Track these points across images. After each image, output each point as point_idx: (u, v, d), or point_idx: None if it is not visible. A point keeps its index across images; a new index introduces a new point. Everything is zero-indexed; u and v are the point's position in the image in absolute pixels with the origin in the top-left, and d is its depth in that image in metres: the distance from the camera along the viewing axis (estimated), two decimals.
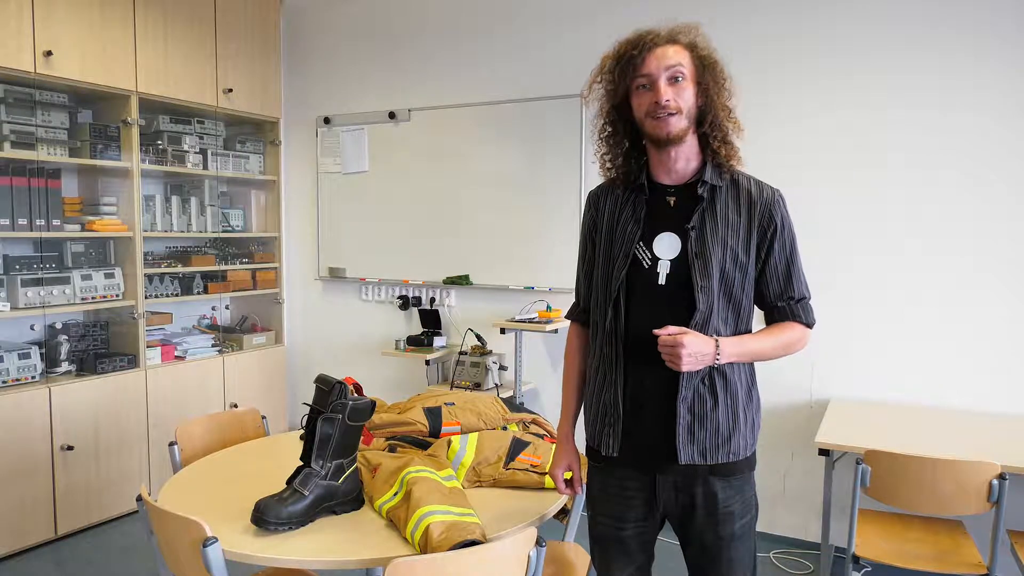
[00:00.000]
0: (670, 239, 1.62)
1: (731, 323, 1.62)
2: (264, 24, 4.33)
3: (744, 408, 1.64)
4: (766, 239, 1.63)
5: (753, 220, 1.62)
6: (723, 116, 1.61)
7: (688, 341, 1.51)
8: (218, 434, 2.46)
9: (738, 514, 1.64)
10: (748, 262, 1.62)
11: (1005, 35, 2.90)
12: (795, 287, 1.66)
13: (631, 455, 1.66)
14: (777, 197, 1.64)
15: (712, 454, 1.61)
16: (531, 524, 1.75)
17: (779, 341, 1.64)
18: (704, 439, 1.60)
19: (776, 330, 1.65)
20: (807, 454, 3.32)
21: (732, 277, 1.61)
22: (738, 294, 1.62)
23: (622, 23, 3.58)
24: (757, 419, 1.69)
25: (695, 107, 1.60)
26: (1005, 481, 2.17)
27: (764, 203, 1.62)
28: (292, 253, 4.66)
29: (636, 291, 1.64)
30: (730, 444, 1.62)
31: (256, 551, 1.60)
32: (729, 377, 1.62)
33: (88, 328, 3.73)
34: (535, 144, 3.81)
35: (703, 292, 1.58)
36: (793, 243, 1.65)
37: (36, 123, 3.34)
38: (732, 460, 1.62)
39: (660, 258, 1.63)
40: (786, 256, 1.64)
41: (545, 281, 3.84)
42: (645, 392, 1.63)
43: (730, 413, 1.61)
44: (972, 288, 3.01)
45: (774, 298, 1.66)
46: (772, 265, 1.64)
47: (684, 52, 1.60)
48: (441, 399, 2.27)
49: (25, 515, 3.26)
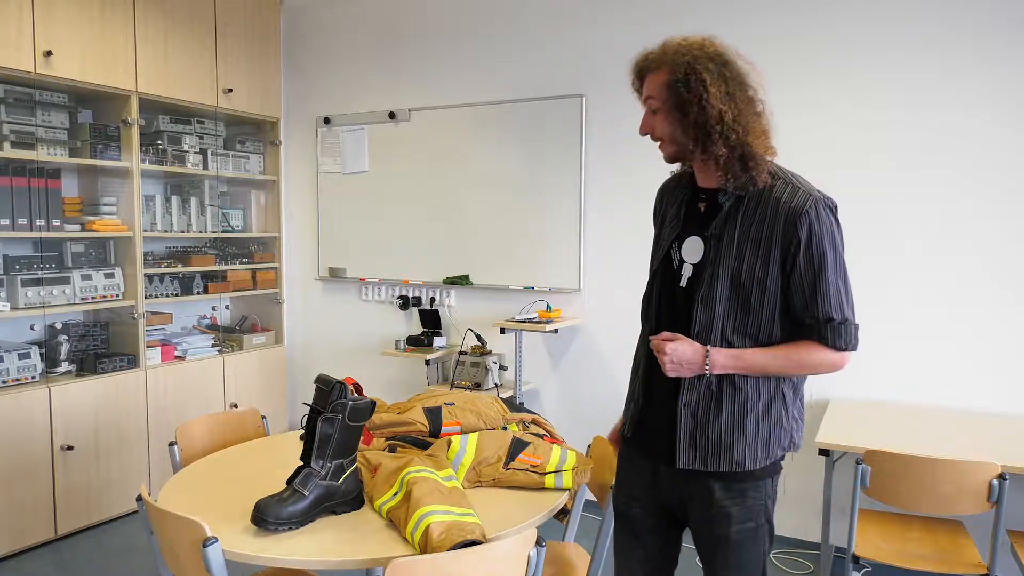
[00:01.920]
0: (694, 243, 1.63)
1: (749, 335, 1.58)
2: (264, 24, 4.33)
3: (758, 421, 1.60)
4: (790, 253, 1.54)
5: (776, 232, 1.54)
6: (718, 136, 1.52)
7: (671, 348, 1.53)
8: (218, 434, 2.46)
9: (736, 518, 1.60)
10: (767, 275, 1.55)
11: (1005, 35, 2.90)
12: (820, 306, 1.55)
13: (641, 441, 1.72)
14: (808, 208, 1.52)
15: (712, 461, 1.60)
16: (531, 524, 1.75)
17: (791, 359, 1.57)
18: (705, 446, 1.60)
19: (791, 347, 1.58)
20: (807, 454, 3.32)
21: (748, 288, 1.56)
22: (756, 306, 1.57)
23: (622, 23, 3.58)
24: (776, 433, 1.62)
25: (679, 132, 1.57)
26: (1005, 481, 2.17)
27: (790, 215, 1.53)
28: (292, 253, 4.66)
29: (665, 289, 1.68)
30: (732, 453, 1.59)
31: (256, 551, 1.60)
32: (741, 388, 1.59)
33: (88, 328, 3.73)
34: (535, 144, 3.81)
35: (703, 302, 1.58)
36: (823, 258, 1.53)
37: (36, 123, 3.34)
38: (735, 470, 1.60)
39: (685, 261, 1.64)
40: (813, 271, 1.54)
41: (545, 281, 3.84)
42: (656, 389, 1.68)
43: (735, 423, 1.59)
44: (972, 288, 3.01)
45: (800, 314, 1.58)
46: (796, 280, 1.55)
47: (659, 80, 1.57)
48: (441, 399, 2.26)
49: (25, 515, 3.26)
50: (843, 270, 1.57)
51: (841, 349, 1.56)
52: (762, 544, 1.63)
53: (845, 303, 1.56)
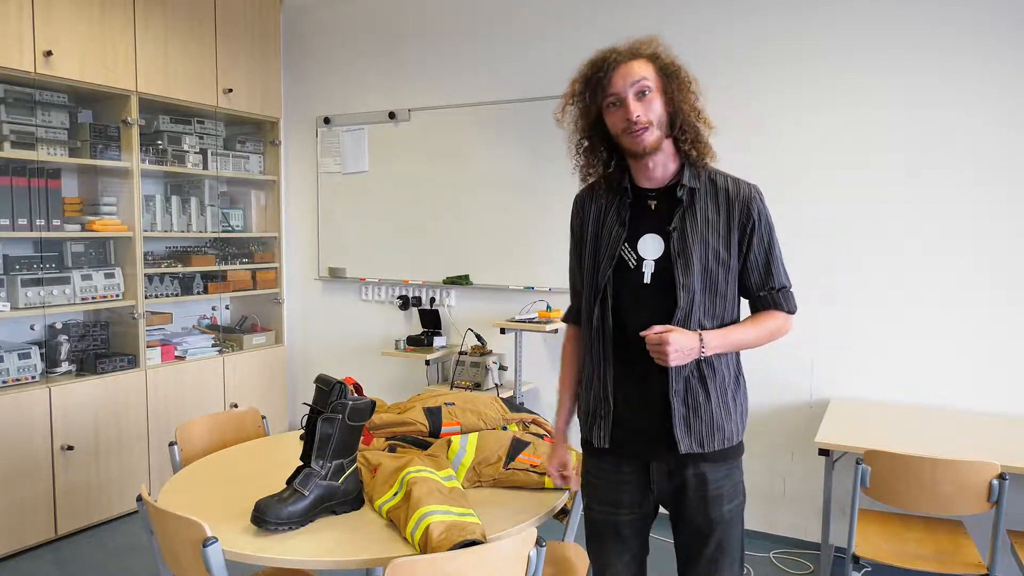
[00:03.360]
0: (653, 240, 1.71)
1: (717, 316, 1.71)
2: (264, 24, 4.33)
3: (733, 396, 1.74)
4: (746, 234, 1.70)
5: (732, 217, 1.69)
6: (692, 118, 1.68)
7: (673, 338, 1.59)
8: (218, 434, 2.46)
9: (727, 496, 1.71)
10: (729, 258, 1.70)
11: (1005, 35, 2.90)
12: (775, 277, 1.73)
13: (623, 445, 1.74)
14: (754, 193, 1.70)
15: (708, 442, 1.69)
16: (531, 524, 1.76)
17: (763, 329, 1.72)
18: (700, 429, 1.69)
19: (759, 319, 1.74)
20: (807, 454, 3.32)
21: (715, 273, 1.69)
22: (722, 288, 1.70)
23: (621, 23, 3.58)
24: (745, 405, 1.78)
25: (665, 115, 1.67)
26: (1005, 481, 2.17)
27: (742, 200, 1.69)
28: (292, 253, 4.66)
29: (623, 290, 1.72)
30: (724, 431, 1.71)
31: (256, 551, 1.60)
32: (717, 368, 1.71)
33: (88, 328, 3.73)
34: (535, 144, 3.81)
35: (684, 290, 1.66)
36: (771, 235, 1.72)
37: (36, 123, 3.34)
38: (727, 446, 1.72)
39: (645, 258, 1.71)
40: (765, 249, 1.72)
41: (545, 281, 3.84)
42: (635, 386, 1.71)
43: (722, 403, 1.71)
44: (972, 288, 3.01)
45: (756, 289, 1.74)
46: (752, 259, 1.71)
47: (647, 65, 1.67)
48: (441, 399, 2.27)
49: (25, 515, 3.26)
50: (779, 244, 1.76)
51: (792, 312, 1.75)
52: (743, 525, 1.77)
53: (787, 273, 1.77)
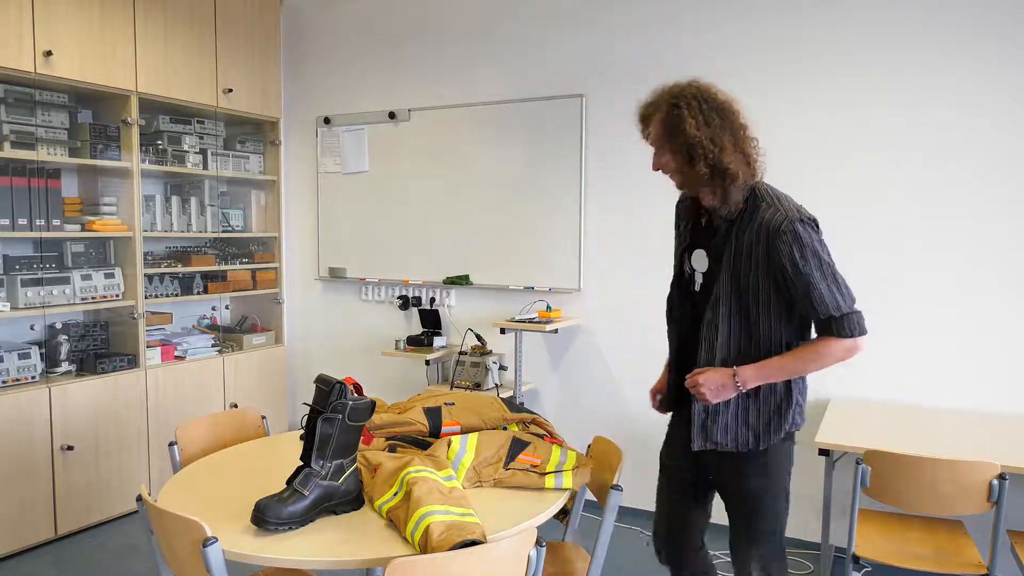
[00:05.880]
0: (700, 255, 1.91)
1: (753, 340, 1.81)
2: (264, 24, 4.33)
3: (758, 411, 1.83)
4: (775, 267, 1.76)
5: (762, 250, 1.77)
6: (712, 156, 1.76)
7: (704, 379, 1.77)
8: (218, 434, 2.46)
9: (754, 473, 1.86)
10: (760, 287, 1.78)
11: (1005, 35, 2.90)
12: (818, 308, 1.75)
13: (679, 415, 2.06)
14: (785, 227, 1.73)
15: (721, 445, 1.87)
16: (531, 524, 1.75)
17: (806, 356, 1.77)
18: (715, 432, 1.86)
19: (806, 347, 1.80)
20: (807, 454, 3.32)
21: (745, 299, 1.78)
22: (754, 315, 1.79)
23: (621, 23, 3.58)
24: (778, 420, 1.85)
25: (684, 163, 1.81)
26: (1005, 481, 2.17)
27: (770, 236, 1.75)
28: (292, 253, 4.66)
29: (683, 294, 1.98)
30: (738, 438, 1.86)
31: (256, 551, 1.60)
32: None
33: (88, 328, 3.73)
34: (535, 144, 3.81)
35: (712, 307, 1.84)
36: (805, 268, 1.73)
37: (36, 123, 3.34)
38: (741, 451, 1.85)
39: (696, 270, 1.92)
40: (801, 284, 1.74)
41: (545, 281, 3.84)
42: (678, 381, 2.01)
43: (739, 412, 1.81)
44: (972, 288, 3.01)
45: (808, 316, 1.82)
46: (793, 290, 1.77)
47: (655, 123, 1.83)
48: (441, 399, 2.26)
49: (25, 515, 3.26)
50: (831, 272, 1.74)
51: (846, 336, 1.76)
52: (780, 502, 1.88)
53: (841, 300, 1.75)
